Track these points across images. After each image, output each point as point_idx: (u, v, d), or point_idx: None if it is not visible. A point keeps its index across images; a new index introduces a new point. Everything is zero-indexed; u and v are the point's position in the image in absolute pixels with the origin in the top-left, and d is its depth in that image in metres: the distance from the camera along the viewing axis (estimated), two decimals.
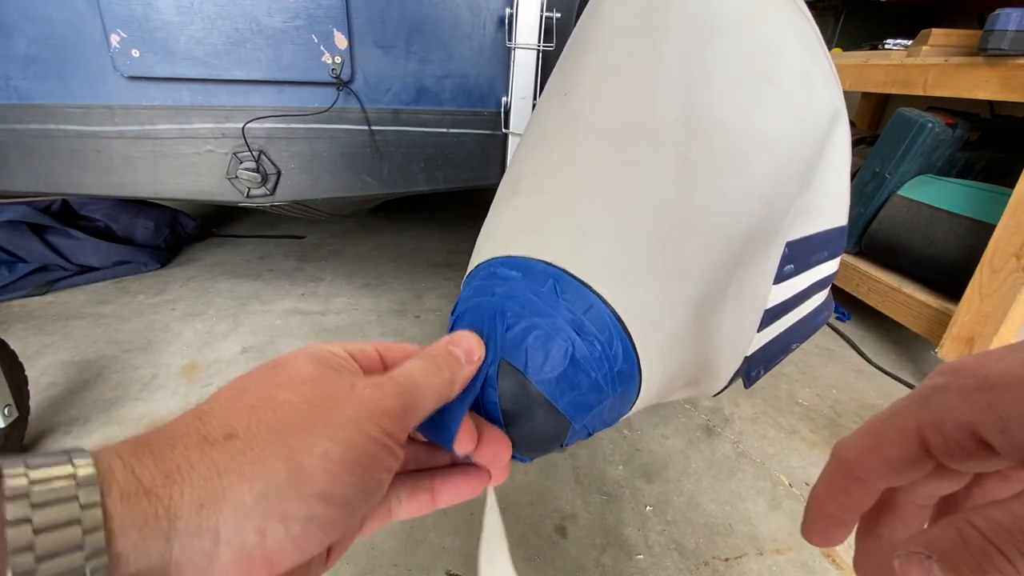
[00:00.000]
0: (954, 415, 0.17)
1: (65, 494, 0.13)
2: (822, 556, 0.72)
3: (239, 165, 0.92)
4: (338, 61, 0.85)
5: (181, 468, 0.15)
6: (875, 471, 0.20)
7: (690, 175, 0.33)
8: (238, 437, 0.16)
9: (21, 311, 1.27)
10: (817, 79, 0.41)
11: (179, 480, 0.15)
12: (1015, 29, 0.91)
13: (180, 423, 0.17)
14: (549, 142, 0.39)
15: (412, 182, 0.98)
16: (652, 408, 1.00)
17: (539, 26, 0.84)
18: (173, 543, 0.14)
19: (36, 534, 0.12)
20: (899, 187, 1.22)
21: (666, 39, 0.37)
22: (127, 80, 0.85)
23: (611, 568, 0.69)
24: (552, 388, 0.26)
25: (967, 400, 0.16)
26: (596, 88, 0.39)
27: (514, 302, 0.28)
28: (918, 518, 0.21)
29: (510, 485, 0.81)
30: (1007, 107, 1.45)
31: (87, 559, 0.12)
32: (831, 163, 0.42)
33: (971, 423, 0.16)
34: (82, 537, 0.13)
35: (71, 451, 0.14)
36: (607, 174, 0.33)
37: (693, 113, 0.35)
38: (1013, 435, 0.15)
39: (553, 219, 0.32)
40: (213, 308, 1.33)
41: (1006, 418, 0.15)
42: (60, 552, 0.12)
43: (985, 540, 0.14)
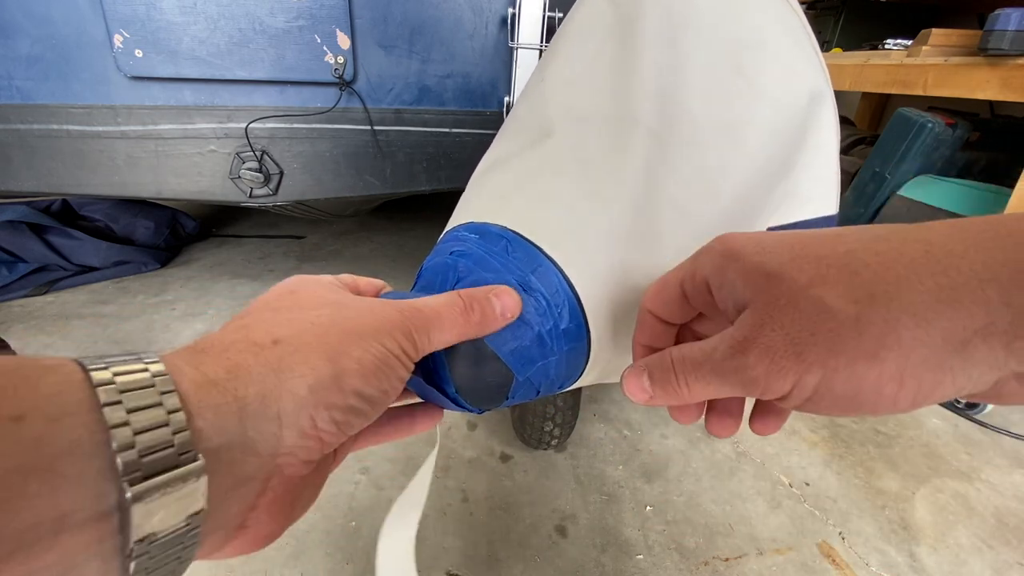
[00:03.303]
0: (701, 272, 0.22)
1: (145, 383, 0.15)
2: (822, 556, 0.72)
3: (242, 165, 0.92)
4: (341, 61, 0.85)
5: (240, 367, 0.18)
6: (658, 310, 0.26)
7: (657, 153, 0.35)
8: (284, 342, 0.19)
9: (21, 311, 1.27)
10: (797, 63, 0.41)
11: (240, 376, 0.17)
12: (1015, 29, 0.92)
13: (226, 333, 0.20)
14: (520, 122, 0.41)
15: (414, 182, 0.98)
16: (652, 408, 1.00)
17: (541, 26, 0.84)
18: (246, 425, 0.17)
19: (128, 413, 0.14)
20: (899, 187, 1.22)
21: (641, 23, 0.39)
22: (130, 80, 0.85)
23: (611, 568, 0.69)
24: (495, 338, 0.27)
25: (712, 262, 0.22)
26: (567, 71, 0.41)
27: (467, 259, 0.30)
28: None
29: (510, 485, 0.81)
30: (1007, 107, 1.45)
31: (173, 433, 0.14)
32: (817, 148, 0.42)
33: (707, 279, 0.22)
34: (167, 415, 0.15)
35: (139, 353, 0.16)
36: (571, 149, 0.36)
37: (665, 95, 0.36)
38: (723, 291, 0.21)
39: (514, 190, 0.35)
40: (213, 308, 1.33)
41: (723, 279, 0.21)
42: (150, 428, 0.14)
43: (674, 367, 0.22)
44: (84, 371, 0.14)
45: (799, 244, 0.20)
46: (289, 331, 0.20)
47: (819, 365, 0.18)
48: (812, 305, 0.18)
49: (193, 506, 0.15)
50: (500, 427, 0.93)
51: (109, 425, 0.13)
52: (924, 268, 0.17)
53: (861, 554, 0.72)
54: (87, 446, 0.13)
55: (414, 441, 0.88)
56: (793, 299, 0.18)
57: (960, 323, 0.16)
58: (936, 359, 0.17)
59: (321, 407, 0.19)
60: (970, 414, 1.01)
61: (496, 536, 0.73)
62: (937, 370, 0.17)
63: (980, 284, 0.16)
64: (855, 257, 0.18)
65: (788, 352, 0.18)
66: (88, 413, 0.13)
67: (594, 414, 0.98)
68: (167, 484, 0.14)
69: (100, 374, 0.14)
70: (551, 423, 0.80)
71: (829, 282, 0.18)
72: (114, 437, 0.13)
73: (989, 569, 0.71)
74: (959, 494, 0.83)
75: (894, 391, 0.17)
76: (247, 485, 0.18)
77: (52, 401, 0.13)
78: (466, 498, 0.78)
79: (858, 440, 0.94)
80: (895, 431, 0.97)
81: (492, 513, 0.76)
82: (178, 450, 0.15)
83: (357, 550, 0.70)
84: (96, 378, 0.14)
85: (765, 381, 0.19)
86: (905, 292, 0.17)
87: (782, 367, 0.18)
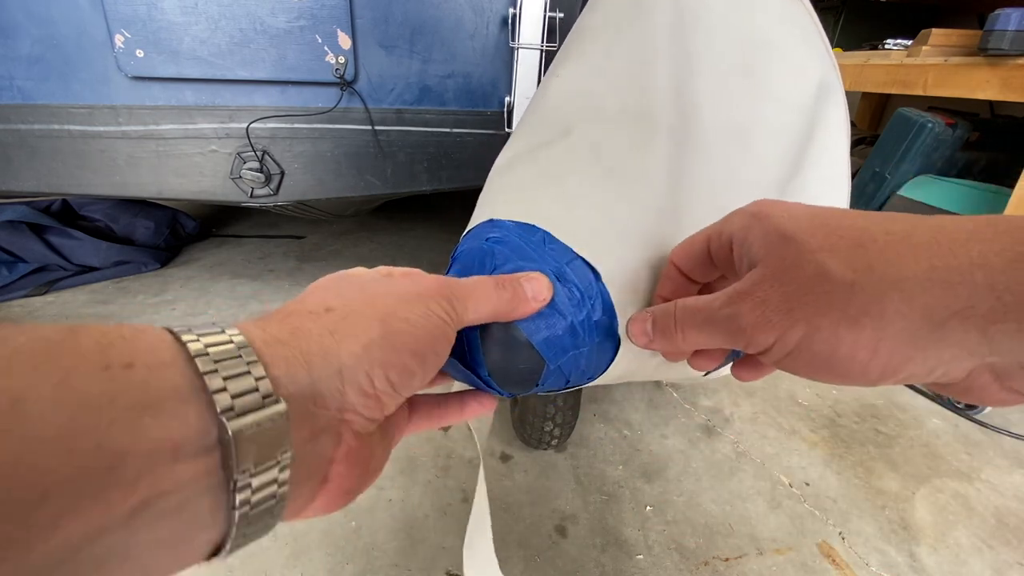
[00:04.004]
0: (728, 229, 0.23)
1: (225, 340, 0.17)
2: (822, 556, 0.72)
3: (243, 165, 0.92)
4: (342, 61, 0.85)
5: (300, 329, 0.19)
6: (682, 263, 0.27)
7: (677, 154, 0.35)
8: (336, 309, 0.21)
9: (21, 311, 1.27)
10: (805, 59, 0.41)
11: (302, 336, 0.19)
12: (1015, 29, 0.92)
13: (282, 307, 0.21)
14: (540, 117, 0.42)
15: (415, 182, 0.98)
16: (652, 408, 1.00)
17: (542, 26, 0.84)
18: (313, 377, 0.18)
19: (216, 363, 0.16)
20: (899, 187, 1.22)
21: (655, 20, 0.39)
22: (131, 80, 0.85)
23: (611, 568, 0.69)
24: (528, 324, 0.27)
25: (741, 221, 0.22)
26: (584, 66, 0.41)
27: (504, 246, 0.30)
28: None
29: (510, 485, 0.81)
30: (1007, 107, 1.45)
31: (256, 380, 0.16)
32: (824, 147, 0.42)
33: (732, 236, 0.23)
34: (247, 365, 0.16)
35: (212, 323, 0.18)
36: (593, 147, 0.36)
37: (682, 97, 0.37)
38: (743, 248, 0.22)
39: (539, 189, 0.35)
40: (213, 308, 1.33)
41: (745, 236, 0.22)
42: (237, 375, 0.16)
43: (675, 314, 0.24)
44: (170, 332, 0.16)
45: (822, 215, 0.20)
46: (340, 300, 0.21)
47: (804, 323, 0.19)
48: (814, 268, 0.19)
49: (281, 445, 0.17)
50: (500, 427, 0.93)
51: (202, 372, 0.15)
52: (925, 250, 0.18)
53: (861, 554, 0.72)
54: (185, 390, 0.15)
55: (415, 441, 0.88)
56: (799, 260, 0.19)
57: (942, 302, 0.17)
58: (912, 334, 0.17)
59: (377, 365, 0.20)
60: (970, 414, 1.01)
61: (496, 536, 0.73)
62: (910, 345, 0.17)
63: (970, 268, 0.17)
64: (867, 232, 0.19)
65: (780, 307, 0.19)
66: (183, 364, 0.15)
67: (594, 414, 0.98)
68: (258, 423, 0.16)
69: (185, 335, 0.16)
70: (551, 423, 0.80)
71: (836, 250, 0.19)
72: (208, 383, 0.15)
73: (989, 569, 0.71)
74: (959, 494, 0.83)
75: (866, 358, 0.18)
76: (322, 438, 0.19)
77: (152, 354, 0.15)
78: (466, 498, 0.78)
79: (858, 440, 0.94)
80: (895, 431, 0.97)
81: (492, 513, 0.76)
82: (262, 394, 0.16)
83: (357, 550, 0.70)
84: (183, 337, 0.16)
85: (751, 332, 0.20)
86: (900, 268, 0.18)
87: (770, 320, 0.20)
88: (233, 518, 0.16)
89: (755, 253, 0.21)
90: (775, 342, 0.20)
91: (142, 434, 0.14)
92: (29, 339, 0.13)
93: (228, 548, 0.16)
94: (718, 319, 0.22)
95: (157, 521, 0.14)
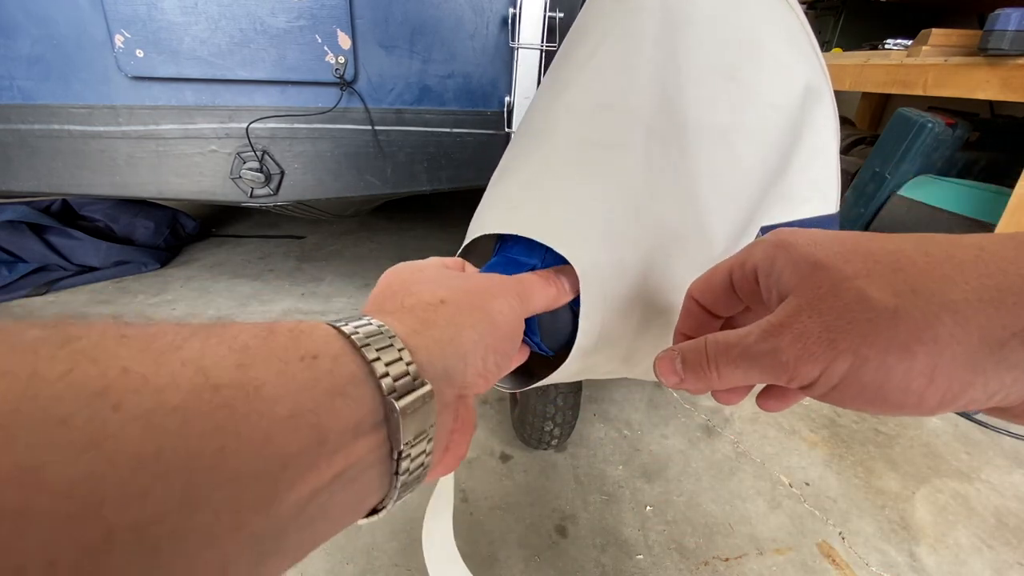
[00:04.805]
0: (752, 260, 0.23)
1: (377, 332, 0.19)
2: (822, 556, 0.72)
3: (243, 165, 0.92)
4: (341, 61, 0.85)
5: (428, 321, 0.22)
6: (704, 298, 0.26)
7: (657, 150, 0.36)
8: (449, 302, 0.23)
9: (21, 311, 1.27)
10: (792, 62, 0.42)
11: (431, 327, 0.21)
12: (1015, 29, 0.92)
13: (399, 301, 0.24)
14: (533, 123, 0.44)
15: (415, 182, 0.98)
16: (652, 408, 1.00)
17: (542, 26, 0.84)
18: (445, 362, 0.21)
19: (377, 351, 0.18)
20: (899, 187, 1.22)
21: (643, 33, 0.40)
22: (131, 80, 0.85)
23: (611, 568, 0.69)
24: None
25: (765, 252, 0.22)
26: (577, 72, 0.42)
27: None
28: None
29: (510, 485, 0.81)
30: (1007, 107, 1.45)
31: (407, 365, 0.19)
32: (814, 150, 0.42)
33: (756, 267, 0.22)
34: (398, 353, 0.19)
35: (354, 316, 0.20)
36: (579, 148, 0.38)
37: (666, 96, 0.38)
38: (770, 279, 0.22)
39: (523, 193, 0.38)
40: (213, 308, 1.33)
41: (771, 267, 0.21)
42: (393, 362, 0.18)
43: (706, 351, 0.23)
44: (334, 327, 0.18)
45: (851, 240, 0.20)
46: (448, 293, 0.24)
47: (850, 353, 0.18)
48: (853, 295, 0.18)
49: (430, 420, 0.19)
50: (500, 427, 0.93)
51: (369, 360, 0.18)
52: (972, 269, 0.17)
53: (861, 554, 0.72)
54: (360, 376, 0.17)
55: None
56: (835, 288, 0.19)
57: (999, 322, 0.16)
58: (970, 358, 0.16)
59: (489, 351, 0.23)
60: (970, 414, 1.01)
61: (496, 536, 0.73)
62: (970, 370, 0.17)
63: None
64: (904, 255, 0.18)
65: (821, 339, 0.18)
66: (352, 354, 0.18)
67: (594, 414, 0.98)
68: (414, 402, 0.18)
69: (346, 328, 0.18)
70: (551, 423, 0.80)
71: (874, 275, 0.18)
72: (375, 369, 0.18)
73: (989, 569, 0.71)
74: (959, 494, 0.83)
75: (922, 387, 0.17)
76: (447, 411, 0.21)
77: (328, 346, 0.17)
78: (466, 498, 0.78)
79: (858, 440, 0.94)
80: (895, 431, 0.97)
81: (492, 513, 0.76)
82: (412, 378, 0.19)
83: (357, 550, 0.70)
84: (345, 331, 0.18)
85: (794, 367, 0.19)
86: (948, 290, 0.17)
87: (813, 353, 0.19)
88: (396, 483, 0.19)
89: (785, 283, 0.20)
90: (820, 375, 0.19)
91: (337, 415, 0.16)
92: (249, 336, 0.16)
93: (389, 507, 0.19)
94: (756, 354, 0.21)
95: (346, 486, 0.16)
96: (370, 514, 0.19)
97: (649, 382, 1.06)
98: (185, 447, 0.12)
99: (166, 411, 0.12)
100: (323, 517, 0.16)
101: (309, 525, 0.16)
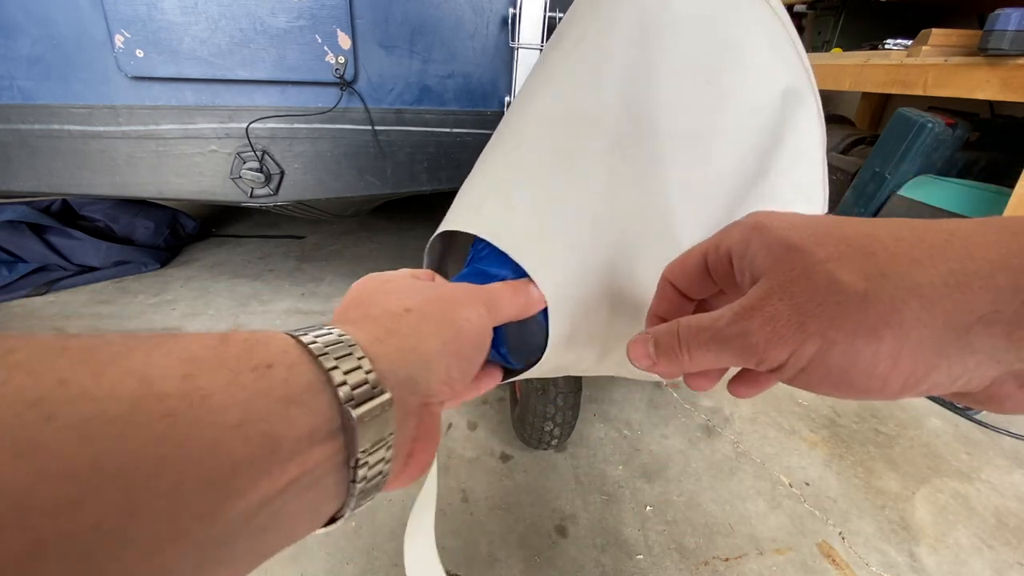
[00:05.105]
0: (727, 242, 0.23)
1: (336, 341, 0.19)
2: (822, 556, 0.72)
3: (243, 165, 0.92)
4: (341, 61, 0.85)
5: (391, 329, 0.22)
6: (678, 281, 0.26)
7: (620, 162, 0.37)
8: (414, 310, 0.24)
9: (21, 311, 1.27)
10: (772, 65, 0.41)
11: (394, 335, 0.22)
12: (1015, 29, 0.92)
13: (362, 310, 0.24)
14: (506, 126, 0.44)
15: (415, 182, 0.98)
16: (652, 408, 1.00)
17: (542, 26, 0.84)
18: (408, 370, 0.21)
19: (336, 360, 0.18)
20: (899, 187, 1.22)
21: (617, 36, 0.40)
22: (131, 80, 0.85)
23: (611, 568, 0.69)
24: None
25: (740, 233, 0.22)
26: (549, 77, 0.43)
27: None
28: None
29: (510, 485, 0.81)
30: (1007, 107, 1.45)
31: (366, 373, 0.19)
32: (797, 153, 0.42)
33: (731, 249, 0.22)
34: (358, 361, 0.19)
35: (317, 324, 0.20)
36: (541, 155, 0.38)
37: (632, 105, 0.38)
38: (744, 261, 0.21)
39: (490, 196, 0.38)
40: (213, 308, 1.33)
41: (746, 249, 0.21)
42: (352, 370, 0.18)
43: (679, 334, 0.23)
44: (293, 337, 0.18)
45: (826, 224, 0.20)
46: (414, 302, 0.24)
47: (819, 336, 0.18)
48: (824, 278, 0.18)
49: (388, 428, 0.19)
50: (500, 427, 0.93)
51: (327, 369, 0.18)
52: (941, 254, 0.17)
53: (861, 554, 0.72)
54: (316, 385, 0.17)
55: None
56: (807, 271, 0.19)
57: (965, 307, 0.16)
58: (935, 342, 0.17)
59: (453, 357, 0.23)
60: (970, 414, 1.01)
61: (496, 536, 0.73)
62: (934, 353, 0.17)
63: (992, 271, 0.16)
64: (876, 239, 0.18)
65: (791, 321, 0.19)
66: (310, 363, 0.18)
67: (594, 414, 0.98)
68: (372, 410, 0.18)
69: (304, 337, 0.18)
70: (551, 423, 0.80)
71: (845, 259, 0.18)
72: (332, 378, 0.18)
73: (989, 569, 0.71)
74: (959, 494, 0.83)
75: (887, 370, 0.17)
76: (410, 420, 0.21)
77: (285, 356, 0.17)
78: (466, 498, 0.78)
79: (858, 440, 0.94)
80: (895, 431, 0.97)
81: (492, 513, 0.76)
82: (372, 386, 0.19)
83: (357, 550, 0.70)
84: (304, 340, 0.18)
85: (764, 349, 0.19)
86: (917, 274, 0.17)
87: (782, 336, 0.19)
88: (353, 491, 0.19)
89: (758, 266, 0.20)
90: (788, 358, 0.19)
91: (291, 423, 0.16)
92: (200, 346, 0.16)
93: (346, 516, 0.19)
94: (726, 337, 0.21)
95: (301, 494, 0.16)
96: (328, 523, 0.19)
97: (649, 382, 1.06)
98: (123, 457, 0.12)
99: (104, 421, 0.12)
100: (276, 525, 0.16)
101: (261, 533, 0.16)
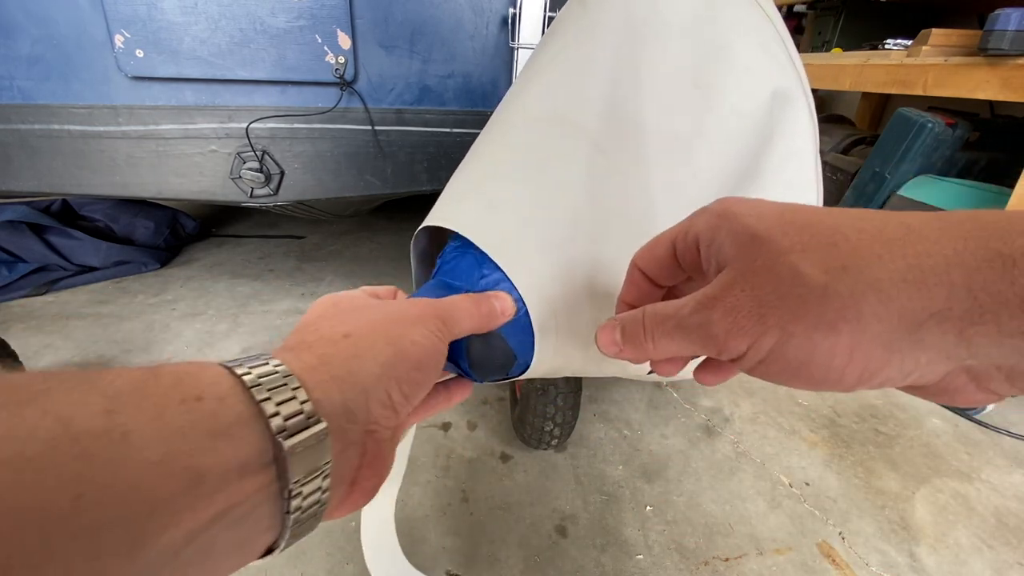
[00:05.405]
0: (694, 229, 0.22)
1: (271, 372, 0.19)
2: (822, 556, 0.72)
3: (243, 165, 0.92)
4: (341, 61, 0.85)
5: (327, 355, 0.22)
6: (647, 267, 0.26)
7: (602, 163, 0.37)
8: (353, 335, 0.23)
9: (21, 311, 1.27)
10: (761, 67, 0.41)
11: (330, 362, 0.21)
12: (1015, 29, 0.92)
13: (301, 338, 0.24)
14: (492, 124, 0.44)
15: (415, 182, 0.98)
16: (652, 408, 1.00)
17: (542, 26, 0.85)
18: (344, 397, 0.21)
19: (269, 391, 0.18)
20: (899, 187, 1.22)
21: (604, 38, 0.40)
22: (131, 80, 0.85)
23: (611, 568, 0.69)
24: (505, 330, 0.33)
25: (707, 221, 0.22)
26: (536, 79, 0.43)
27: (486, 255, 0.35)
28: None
29: (510, 485, 0.81)
30: (1007, 107, 1.45)
31: (301, 403, 0.19)
32: (787, 151, 0.41)
33: (698, 236, 0.22)
34: (292, 392, 0.19)
35: (256, 354, 0.20)
36: (523, 154, 0.38)
37: (616, 108, 0.38)
38: (711, 249, 0.21)
39: (470, 194, 0.38)
40: (213, 308, 1.33)
41: (712, 237, 0.21)
42: (285, 401, 0.18)
43: (644, 321, 0.23)
44: (226, 368, 0.19)
45: (791, 212, 0.20)
46: (353, 327, 0.24)
47: (778, 328, 0.18)
48: (786, 270, 0.18)
49: (324, 458, 0.19)
50: (500, 427, 0.93)
51: (258, 401, 0.18)
52: (899, 249, 0.17)
53: (861, 554, 0.72)
54: (247, 417, 0.17)
55: (415, 442, 0.88)
56: (770, 263, 0.19)
57: (919, 303, 0.16)
58: (888, 337, 0.17)
59: (393, 381, 0.23)
60: (970, 414, 1.01)
61: (496, 536, 0.73)
62: (887, 349, 0.17)
63: (947, 268, 0.16)
64: (838, 231, 0.18)
65: (752, 313, 0.19)
66: (241, 394, 0.18)
67: (594, 414, 0.98)
68: (305, 440, 0.18)
69: (238, 369, 0.19)
70: (551, 423, 0.80)
71: (809, 250, 0.18)
72: (264, 410, 0.18)
73: (989, 569, 0.71)
74: (959, 494, 0.83)
75: (842, 364, 0.17)
76: (351, 448, 0.21)
77: (215, 388, 0.17)
78: (466, 498, 0.78)
79: (858, 440, 0.94)
80: (895, 431, 0.97)
81: (492, 513, 0.76)
82: (306, 416, 0.19)
83: (357, 550, 0.70)
84: (237, 371, 0.18)
85: (724, 340, 0.19)
86: (875, 268, 0.17)
87: (743, 327, 0.19)
88: (287, 522, 0.19)
89: (724, 254, 0.20)
90: (748, 350, 0.19)
91: (218, 456, 0.16)
92: (125, 381, 0.16)
93: (282, 547, 0.19)
94: (689, 326, 0.21)
95: (231, 527, 0.16)
96: (265, 553, 0.19)
97: (649, 382, 1.06)
98: (38, 498, 0.12)
99: (20, 463, 0.12)
100: (205, 558, 0.16)
101: (188, 567, 0.16)
